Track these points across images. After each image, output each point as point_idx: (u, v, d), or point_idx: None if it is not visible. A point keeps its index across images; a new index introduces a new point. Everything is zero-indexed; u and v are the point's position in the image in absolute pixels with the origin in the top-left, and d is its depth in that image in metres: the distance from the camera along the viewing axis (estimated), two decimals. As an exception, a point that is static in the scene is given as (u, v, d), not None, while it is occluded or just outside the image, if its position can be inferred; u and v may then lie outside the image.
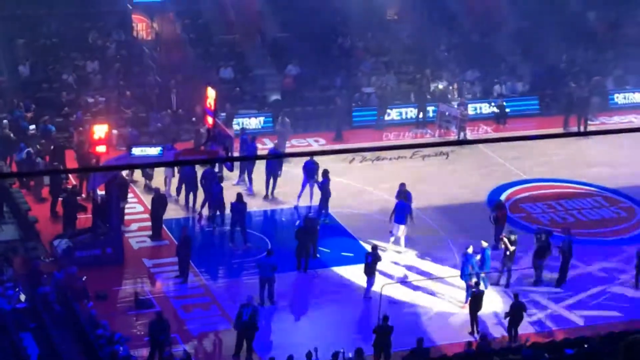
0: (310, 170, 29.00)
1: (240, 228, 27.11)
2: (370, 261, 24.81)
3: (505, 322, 23.63)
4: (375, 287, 24.17)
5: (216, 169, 29.33)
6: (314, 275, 26.16)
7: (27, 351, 21.52)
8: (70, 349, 22.26)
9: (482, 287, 23.90)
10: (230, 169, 30.29)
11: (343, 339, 22.66)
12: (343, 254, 27.14)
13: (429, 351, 21.78)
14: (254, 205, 28.69)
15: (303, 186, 29.15)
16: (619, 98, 37.50)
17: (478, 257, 24.71)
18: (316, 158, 29.02)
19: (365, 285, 24.94)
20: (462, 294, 24.81)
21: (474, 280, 24.07)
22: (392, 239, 26.98)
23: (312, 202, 29.07)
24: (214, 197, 28.11)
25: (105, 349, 21.59)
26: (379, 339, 22.06)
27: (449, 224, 28.88)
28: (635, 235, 28.92)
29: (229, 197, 27.81)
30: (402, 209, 26.96)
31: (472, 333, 23.62)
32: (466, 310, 24.24)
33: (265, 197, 29.56)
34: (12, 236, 26.28)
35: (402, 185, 28.03)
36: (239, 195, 27.41)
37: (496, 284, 25.48)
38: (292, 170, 29.78)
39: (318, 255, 26.50)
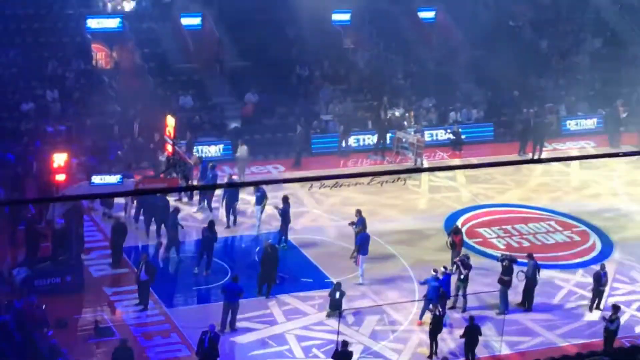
0: (258, 198, 29.23)
1: (207, 255, 27.01)
2: (338, 298, 24.81)
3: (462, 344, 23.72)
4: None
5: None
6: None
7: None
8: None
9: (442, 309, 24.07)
10: (190, 198, 30.38)
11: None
12: (303, 279, 27.04)
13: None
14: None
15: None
16: (571, 124, 37.89)
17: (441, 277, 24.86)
18: (277, 185, 29.10)
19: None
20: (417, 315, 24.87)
21: (435, 306, 24.15)
22: (359, 271, 26.93)
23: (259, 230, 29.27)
24: (166, 225, 28.16)
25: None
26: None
27: (407, 249, 28.88)
28: (591, 259, 28.95)
29: (189, 223, 27.94)
30: (366, 240, 26.96)
31: (430, 357, 23.61)
32: (422, 327, 24.31)
33: (227, 227, 29.35)
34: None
35: (358, 211, 28.06)
36: (211, 223, 27.45)
37: (452, 307, 25.38)
38: (251, 197, 29.82)
39: (277, 282, 26.36)
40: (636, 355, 22.29)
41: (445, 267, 25.40)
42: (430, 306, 24.31)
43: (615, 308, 24.66)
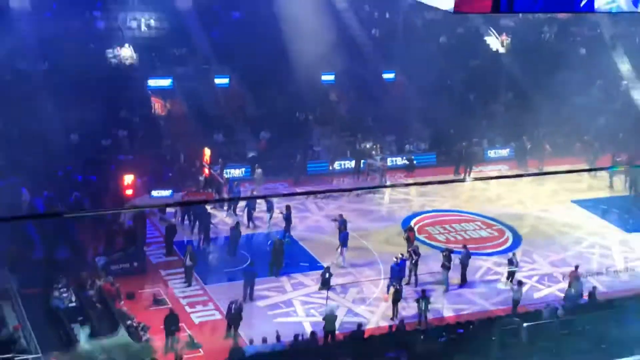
0: (268, 207, 29.45)
1: (233, 247, 27.24)
2: (327, 277, 24.91)
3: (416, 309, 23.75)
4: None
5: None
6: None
7: (75, 339, 21.35)
8: (109, 338, 22.06)
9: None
10: (221, 207, 30.52)
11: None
12: (301, 264, 27.13)
13: (364, 332, 21.83)
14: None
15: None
16: (491, 153, 37.98)
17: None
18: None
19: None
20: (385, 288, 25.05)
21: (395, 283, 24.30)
22: (340, 258, 27.01)
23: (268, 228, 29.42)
24: (204, 226, 28.29)
25: (133, 335, 21.53)
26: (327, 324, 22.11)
27: (376, 242, 28.97)
28: (506, 248, 29.07)
29: (221, 225, 28.21)
30: (346, 236, 27.21)
31: (392, 318, 23.62)
32: (388, 301, 24.33)
33: (247, 227, 29.33)
34: (65, 255, 26.07)
35: (340, 215, 28.22)
36: (237, 224, 27.84)
37: (407, 284, 25.39)
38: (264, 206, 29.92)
39: (282, 266, 26.38)
40: (536, 315, 22.48)
41: (402, 255, 25.53)
42: (393, 283, 24.47)
43: (520, 283, 24.87)
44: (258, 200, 30.26)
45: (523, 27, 44.62)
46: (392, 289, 24.38)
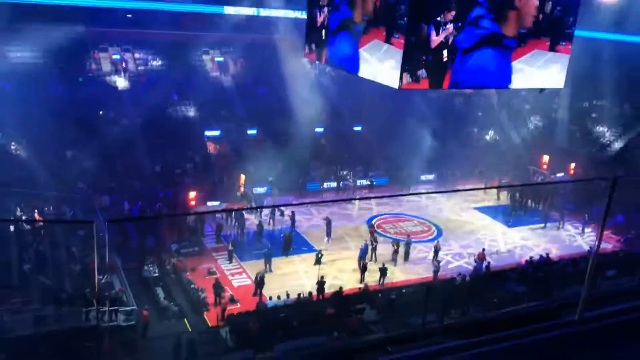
0: (281, 212, 29.50)
1: (259, 238, 27.13)
2: (320, 257, 24.86)
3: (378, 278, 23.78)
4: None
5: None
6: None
7: (158, 297, 21.27)
8: (179, 295, 21.99)
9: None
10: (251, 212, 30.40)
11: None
12: (303, 248, 27.08)
13: (342, 292, 21.80)
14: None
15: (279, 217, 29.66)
16: (422, 177, 37.49)
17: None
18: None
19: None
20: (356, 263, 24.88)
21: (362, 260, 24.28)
22: (327, 244, 26.95)
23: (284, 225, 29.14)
24: (240, 224, 28.22)
25: (194, 295, 21.44)
26: (319, 287, 22.09)
27: (352, 232, 28.92)
28: (432, 238, 29.02)
29: (249, 224, 27.99)
30: (330, 230, 27.23)
31: (360, 282, 23.61)
32: (357, 272, 24.32)
33: (268, 224, 29.24)
34: (151, 243, 26.02)
35: (327, 217, 28.16)
36: (261, 223, 27.96)
37: (370, 261, 25.47)
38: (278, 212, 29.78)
39: (291, 249, 26.35)
40: (450, 281, 22.47)
41: (366, 242, 25.55)
42: (360, 260, 24.47)
43: (437, 261, 24.87)
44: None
45: (443, 97, 44.82)
46: (361, 264, 24.36)
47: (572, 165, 37.02)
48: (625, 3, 38.95)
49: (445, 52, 14.47)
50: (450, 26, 14.16)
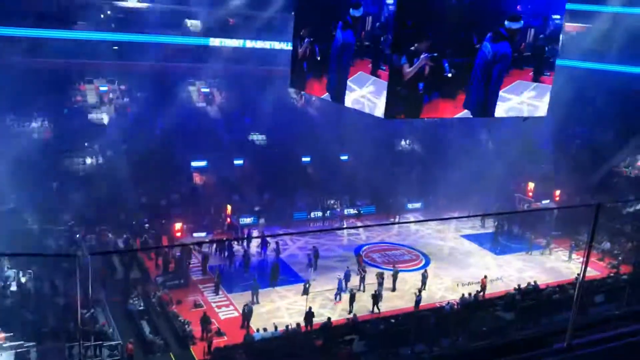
0: (264, 242, 29.25)
1: (246, 269, 27.07)
2: (307, 287, 24.74)
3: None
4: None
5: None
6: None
7: (143, 331, 20.93)
8: (164, 328, 21.68)
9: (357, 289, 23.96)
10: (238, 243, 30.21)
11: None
12: (290, 278, 26.94)
13: (330, 323, 21.63)
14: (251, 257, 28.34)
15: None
16: (410, 205, 37.71)
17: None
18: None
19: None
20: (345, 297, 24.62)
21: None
22: (313, 274, 26.78)
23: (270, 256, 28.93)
24: (229, 255, 27.94)
25: (180, 328, 21.10)
26: (307, 317, 21.89)
27: (339, 261, 28.69)
28: (420, 267, 28.97)
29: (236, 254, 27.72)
30: (311, 261, 27.25)
31: (349, 312, 23.43)
32: (340, 305, 24.09)
33: (254, 255, 29.08)
34: (137, 275, 25.75)
35: (314, 246, 28.08)
36: (247, 254, 27.75)
37: (359, 290, 25.29)
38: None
39: (278, 280, 26.21)
40: (440, 309, 22.37)
41: (347, 267, 25.34)
42: (342, 291, 24.28)
43: (419, 289, 24.74)
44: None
45: (428, 125, 45.10)
46: (348, 294, 24.14)
47: (558, 192, 37.35)
48: (595, 31, 40.03)
49: (421, 84, 14.73)
50: (423, 56, 14.42)
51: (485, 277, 25.82)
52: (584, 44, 41.12)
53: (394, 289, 25.96)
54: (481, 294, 24.56)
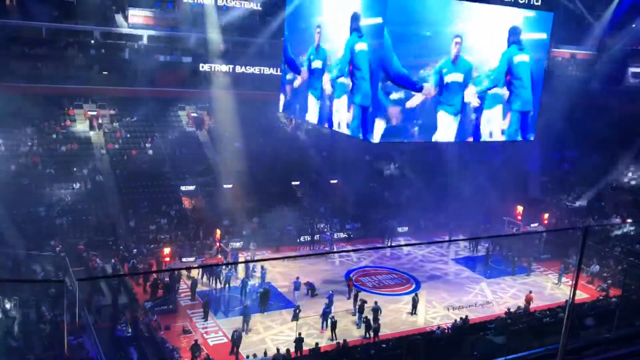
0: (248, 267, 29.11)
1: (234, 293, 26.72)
2: (297, 312, 24.48)
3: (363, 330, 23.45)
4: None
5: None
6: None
7: (131, 357, 20.68)
8: (152, 355, 21.42)
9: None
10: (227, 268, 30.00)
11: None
12: (280, 304, 26.71)
13: (319, 349, 21.48)
14: (237, 282, 28.06)
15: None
16: (399, 229, 37.31)
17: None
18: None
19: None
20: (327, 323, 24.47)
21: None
22: (300, 300, 26.59)
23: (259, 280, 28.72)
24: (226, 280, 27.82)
25: (169, 354, 20.88)
26: (297, 344, 21.70)
27: (327, 285, 28.46)
28: (410, 291, 28.90)
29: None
30: (298, 286, 26.95)
31: (332, 339, 23.17)
32: (326, 333, 23.80)
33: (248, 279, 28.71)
34: (124, 301, 25.47)
35: (297, 278, 27.80)
36: (244, 280, 27.47)
37: (352, 314, 25.16)
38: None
39: (268, 306, 26.03)
40: (430, 333, 22.25)
41: (330, 291, 25.13)
42: (328, 317, 24.01)
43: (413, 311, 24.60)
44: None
45: (417, 149, 45.29)
46: (330, 322, 23.85)
47: (546, 215, 37.55)
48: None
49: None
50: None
51: (531, 292, 26.37)
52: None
53: (374, 322, 25.50)
54: (525, 309, 24.71)
